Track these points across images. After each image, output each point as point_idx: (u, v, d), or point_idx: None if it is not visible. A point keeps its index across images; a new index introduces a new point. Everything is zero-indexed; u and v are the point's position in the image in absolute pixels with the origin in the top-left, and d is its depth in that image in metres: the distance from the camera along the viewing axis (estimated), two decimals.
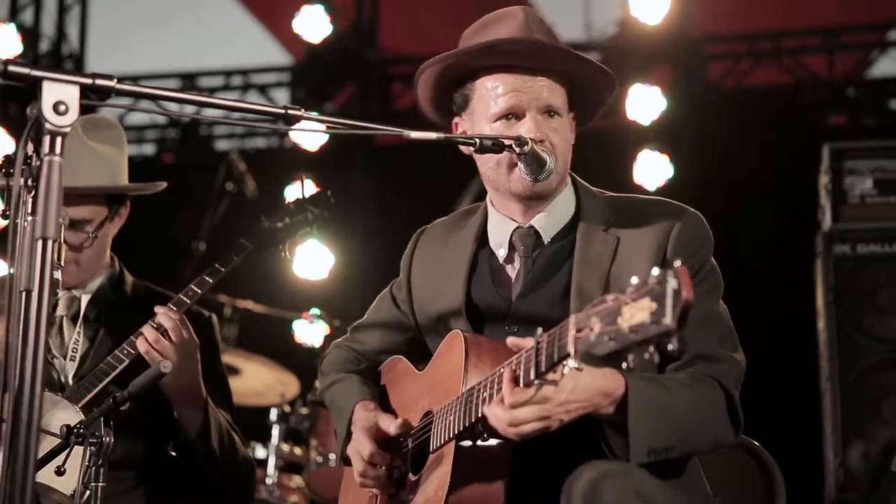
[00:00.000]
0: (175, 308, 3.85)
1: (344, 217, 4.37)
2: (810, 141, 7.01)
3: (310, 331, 7.54)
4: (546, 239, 3.24)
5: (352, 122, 2.82)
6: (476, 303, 3.28)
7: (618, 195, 3.32)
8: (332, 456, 6.54)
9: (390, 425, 3.24)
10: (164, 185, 4.10)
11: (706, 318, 3.05)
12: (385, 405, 3.40)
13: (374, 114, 9.52)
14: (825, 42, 9.28)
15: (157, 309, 3.80)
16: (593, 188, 3.33)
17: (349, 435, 3.36)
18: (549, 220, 3.25)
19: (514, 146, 3.03)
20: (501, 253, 3.28)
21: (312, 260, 7.94)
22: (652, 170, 8.60)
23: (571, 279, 3.14)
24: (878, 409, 5.94)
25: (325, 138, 9.07)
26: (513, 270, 3.27)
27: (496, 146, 3.03)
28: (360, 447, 3.26)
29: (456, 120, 3.32)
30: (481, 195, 3.41)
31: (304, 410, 6.88)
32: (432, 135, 2.96)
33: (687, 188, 8.27)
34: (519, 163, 3.10)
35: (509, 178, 3.20)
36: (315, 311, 7.43)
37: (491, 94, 3.21)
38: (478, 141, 3.02)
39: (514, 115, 3.18)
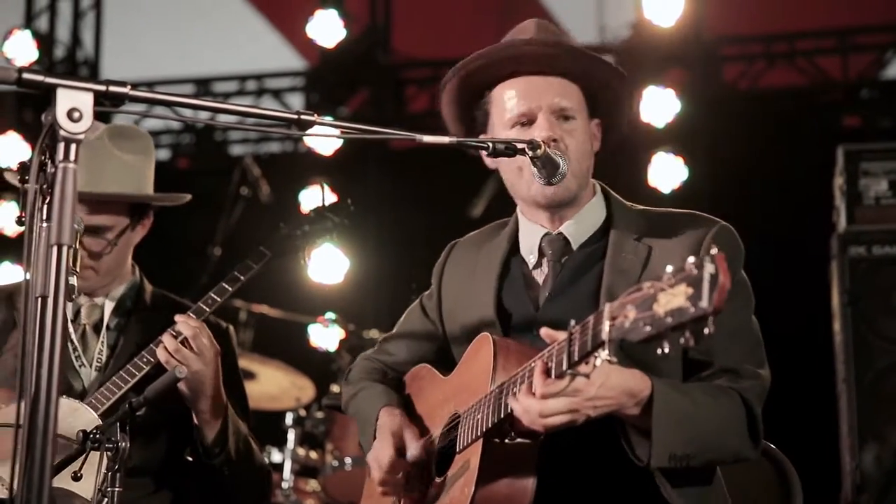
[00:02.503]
0: (194, 316, 3.86)
1: (358, 221, 4.36)
2: (825, 142, 6.99)
3: (325, 335, 7.55)
4: (575, 245, 3.26)
5: (365, 126, 2.82)
6: (506, 308, 3.29)
7: (650, 208, 3.33)
8: (348, 460, 6.55)
9: (411, 444, 3.24)
10: (188, 197, 4.10)
11: (735, 330, 3.06)
12: (411, 413, 3.40)
13: (387, 118, 9.53)
14: (839, 43, 9.25)
15: (177, 317, 3.81)
16: (625, 200, 3.35)
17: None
18: (579, 228, 3.26)
19: (526, 149, 3.04)
20: (532, 259, 3.30)
21: (328, 264, 7.98)
22: (666, 172, 8.60)
23: (601, 284, 3.14)
24: (894, 410, 5.92)
25: (339, 143, 9.08)
26: (541, 275, 3.28)
27: (509, 150, 3.03)
28: (380, 455, 3.26)
29: (482, 137, 3.32)
30: (495, 199, 3.42)
31: (319, 414, 6.89)
32: (445, 139, 2.96)
33: (701, 190, 8.27)
34: (532, 167, 3.11)
35: (530, 186, 3.21)
36: (330, 315, 7.43)
37: (505, 102, 3.24)
38: (490, 145, 3.02)
39: (528, 120, 3.21)
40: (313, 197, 8.35)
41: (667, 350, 2.41)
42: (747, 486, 3.28)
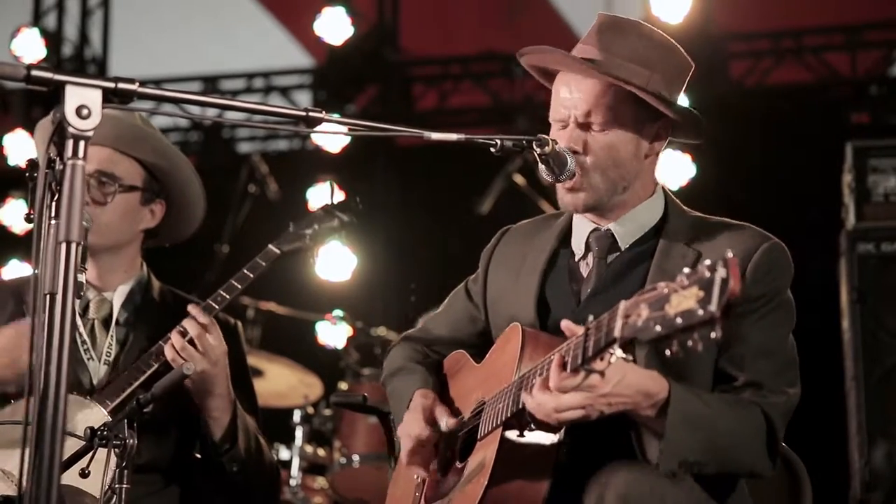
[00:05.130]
0: (203, 314, 3.86)
1: (366, 218, 4.36)
2: (833, 139, 6.97)
3: (333, 332, 7.55)
4: (623, 244, 3.25)
5: (373, 123, 2.82)
6: (548, 298, 3.30)
7: (706, 216, 3.32)
8: (356, 457, 6.56)
9: (442, 418, 3.26)
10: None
11: (768, 346, 3.08)
12: (444, 397, 3.42)
13: (395, 115, 9.52)
14: (848, 40, 9.23)
15: (187, 315, 3.81)
16: (684, 206, 3.33)
17: None
18: (628, 227, 3.26)
19: (534, 146, 3.03)
20: (578, 252, 3.30)
21: (335, 261, 7.98)
22: (674, 169, 8.57)
23: (645, 284, 3.13)
24: None
25: (346, 140, 9.09)
26: (586, 269, 3.28)
27: (517, 147, 3.03)
28: (410, 427, 3.28)
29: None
30: (503, 197, 3.42)
31: (327, 412, 6.90)
32: (453, 136, 2.95)
33: (709, 187, 8.25)
34: (540, 163, 3.10)
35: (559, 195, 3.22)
36: (338, 312, 7.45)
37: (553, 100, 3.25)
38: (499, 142, 3.01)
39: (563, 123, 3.20)
40: (321, 195, 8.34)
41: (675, 351, 2.42)
42: (757, 484, 3.27)
